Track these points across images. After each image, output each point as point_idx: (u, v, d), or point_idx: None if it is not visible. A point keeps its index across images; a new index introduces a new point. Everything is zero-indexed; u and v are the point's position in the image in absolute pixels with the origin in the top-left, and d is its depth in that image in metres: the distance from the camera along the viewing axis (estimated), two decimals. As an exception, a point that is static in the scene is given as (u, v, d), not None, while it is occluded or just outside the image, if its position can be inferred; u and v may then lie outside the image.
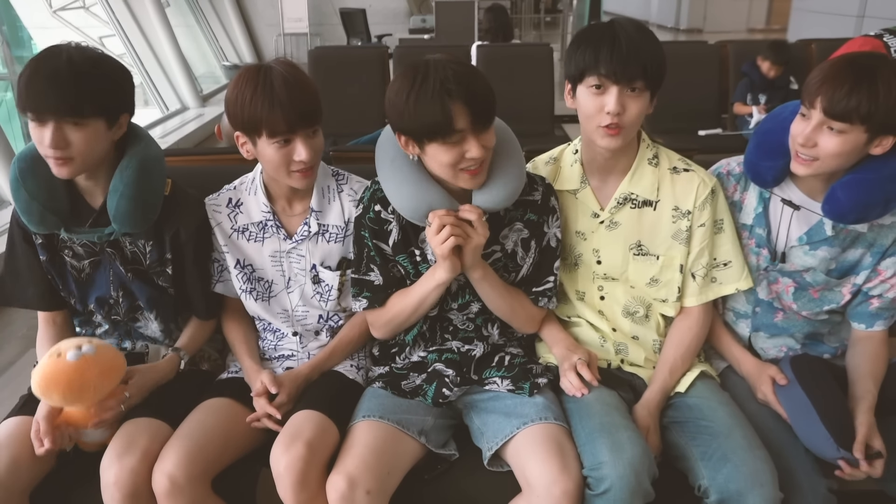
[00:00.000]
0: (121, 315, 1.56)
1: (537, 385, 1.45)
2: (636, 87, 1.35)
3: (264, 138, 1.37)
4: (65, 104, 1.29)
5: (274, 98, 1.33)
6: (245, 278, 1.57)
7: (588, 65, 1.35)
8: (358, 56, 4.65)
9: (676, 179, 1.49)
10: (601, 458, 1.25)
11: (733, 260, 1.52)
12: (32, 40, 7.85)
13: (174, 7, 7.49)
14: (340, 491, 1.25)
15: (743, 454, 1.29)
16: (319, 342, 1.62)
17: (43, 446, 1.31)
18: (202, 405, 1.46)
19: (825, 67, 1.31)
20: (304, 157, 1.38)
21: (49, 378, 1.30)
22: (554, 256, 1.50)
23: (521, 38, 10.64)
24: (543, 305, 1.52)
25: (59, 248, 1.50)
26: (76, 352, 1.31)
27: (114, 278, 1.52)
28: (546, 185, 1.50)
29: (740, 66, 4.40)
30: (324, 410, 1.38)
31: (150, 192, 1.45)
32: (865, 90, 1.24)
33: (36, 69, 1.29)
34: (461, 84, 1.26)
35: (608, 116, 1.35)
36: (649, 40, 1.36)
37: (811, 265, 1.48)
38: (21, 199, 1.40)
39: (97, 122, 1.34)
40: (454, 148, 1.30)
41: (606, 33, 1.35)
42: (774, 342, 1.58)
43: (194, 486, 1.31)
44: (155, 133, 5.48)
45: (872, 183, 1.34)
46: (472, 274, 1.43)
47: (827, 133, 1.30)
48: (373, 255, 1.48)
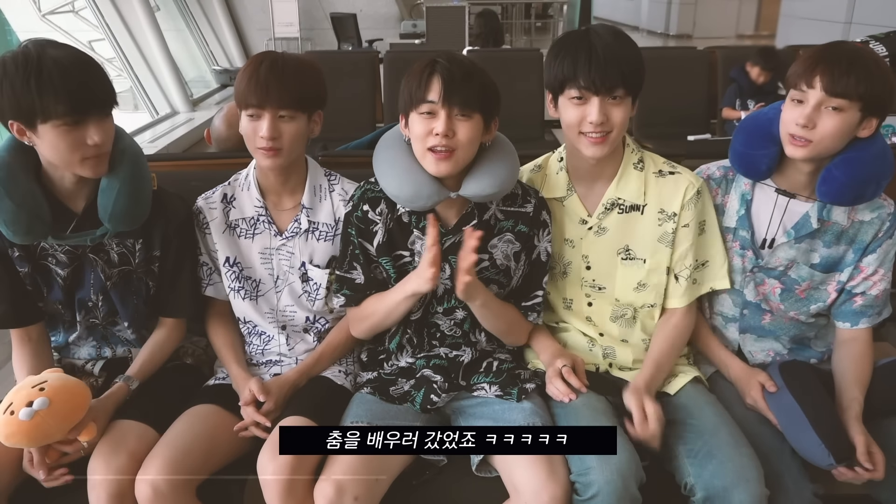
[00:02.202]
0: (99, 319, 1.54)
1: (525, 391, 1.45)
2: (617, 95, 1.36)
3: (243, 111, 1.44)
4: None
5: (258, 74, 1.40)
6: (234, 276, 1.57)
7: (567, 76, 1.37)
8: (348, 61, 4.65)
9: (662, 182, 1.50)
10: (588, 463, 1.25)
11: (710, 260, 1.54)
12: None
13: (164, 11, 7.47)
14: (328, 497, 1.25)
15: (728, 451, 1.30)
16: (307, 344, 1.61)
17: (43, 476, 1.32)
18: (188, 412, 1.45)
19: (814, 52, 1.35)
20: (264, 133, 1.41)
21: (8, 437, 1.28)
22: (543, 270, 1.51)
23: (512, 44, 10.68)
24: (532, 321, 1.53)
25: (39, 257, 1.47)
26: (28, 410, 1.27)
27: (94, 282, 1.50)
28: (539, 199, 1.51)
29: (729, 71, 4.43)
30: (311, 416, 1.38)
31: (144, 186, 1.45)
32: (861, 68, 1.31)
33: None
34: (450, 63, 1.34)
35: (591, 126, 1.36)
36: (626, 46, 1.38)
37: (793, 257, 1.50)
38: (6, 209, 1.34)
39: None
40: (425, 121, 1.34)
41: (583, 43, 1.36)
42: (762, 345, 1.59)
43: (177, 494, 1.30)
44: (144, 137, 5.45)
45: (864, 160, 1.38)
46: (472, 302, 1.43)
47: (826, 113, 1.34)
48: (357, 254, 1.49)
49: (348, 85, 4.17)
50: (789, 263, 1.51)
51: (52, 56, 1.27)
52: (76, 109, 1.28)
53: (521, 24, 12.61)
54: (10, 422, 1.27)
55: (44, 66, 1.25)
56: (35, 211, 1.37)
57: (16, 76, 1.25)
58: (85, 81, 1.30)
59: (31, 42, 1.29)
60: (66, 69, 1.27)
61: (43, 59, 1.26)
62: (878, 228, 1.46)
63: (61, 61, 1.27)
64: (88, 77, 1.31)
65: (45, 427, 1.28)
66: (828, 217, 1.47)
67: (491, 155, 1.42)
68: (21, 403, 1.28)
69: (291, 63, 1.44)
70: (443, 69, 1.33)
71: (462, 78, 1.33)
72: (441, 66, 1.34)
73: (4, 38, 7.25)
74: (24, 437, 1.28)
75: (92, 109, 1.31)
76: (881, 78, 1.31)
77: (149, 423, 1.41)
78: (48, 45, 1.29)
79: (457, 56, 1.38)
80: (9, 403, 1.30)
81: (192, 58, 8.54)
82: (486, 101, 1.37)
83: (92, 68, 1.33)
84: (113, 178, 1.40)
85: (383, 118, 4.29)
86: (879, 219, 1.46)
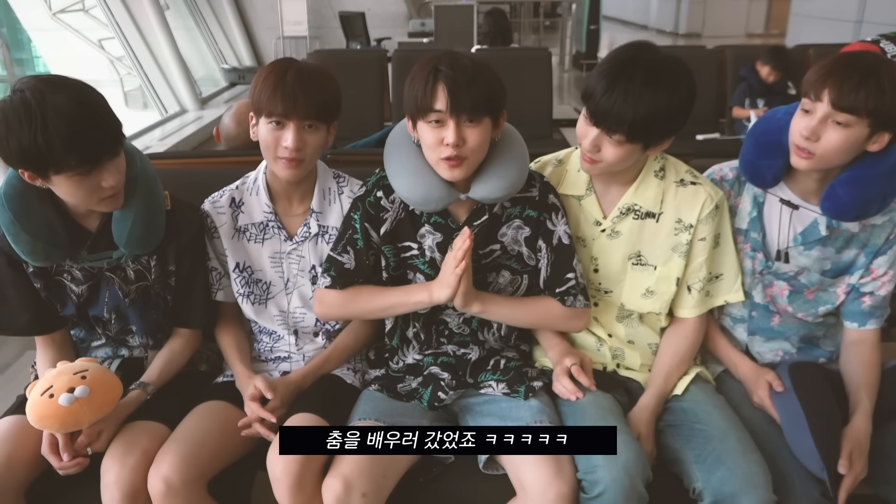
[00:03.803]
0: (112, 332, 1.56)
1: (532, 388, 1.45)
2: (615, 138, 1.34)
3: (263, 118, 1.41)
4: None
5: (283, 82, 1.38)
6: (243, 282, 1.58)
7: (584, 94, 1.37)
8: (357, 59, 4.67)
9: (682, 192, 1.48)
10: (595, 461, 1.26)
11: (725, 273, 1.53)
12: (32, 43, 7.86)
13: (173, 10, 7.51)
14: (336, 494, 1.26)
15: (737, 457, 1.30)
16: (316, 345, 1.62)
17: (62, 460, 1.32)
18: (198, 408, 1.47)
19: (829, 62, 1.32)
20: (288, 144, 1.40)
21: (42, 419, 1.30)
22: (570, 254, 1.47)
23: (521, 42, 10.66)
24: (570, 304, 1.46)
25: (54, 273, 1.47)
26: (69, 395, 1.29)
27: (109, 300, 1.50)
28: (543, 183, 1.50)
29: (738, 70, 4.43)
30: (319, 413, 1.39)
31: (157, 212, 1.45)
32: (873, 84, 1.26)
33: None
34: (454, 69, 1.30)
35: (584, 148, 1.39)
36: (654, 95, 1.30)
37: (805, 265, 1.49)
38: (22, 241, 1.35)
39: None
40: (435, 130, 1.33)
41: (613, 70, 1.32)
42: (770, 346, 1.59)
43: (189, 490, 1.31)
44: (154, 136, 5.48)
45: (870, 179, 1.35)
46: (470, 311, 1.43)
47: (831, 126, 1.31)
48: (355, 238, 1.48)
49: (357, 84, 4.19)
50: (800, 270, 1.50)
51: (54, 105, 1.21)
52: (88, 160, 1.26)
53: (529, 23, 12.58)
54: (48, 404, 1.29)
55: (48, 119, 1.20)
56: (51, 239, 1.37)
57: (21, 131, 1.20)
58: (92, 128, 1.25)
59: (25, 87, 1.22)
60: (71, 120, 1.21)
61: (45, 111, 1.20)
62: (890, 231, 1.45)
63: (64, 110, 1.21)
64: (95, 122, 1.26)
65: (80, 415, 1.30)
66: (837, 224, 1.45)
67: (500, 153, 1.41)
68: (62, 388, 1.30)
69: (315, 73, 1.42)
70: (447, 77, 1.30)
71: (467, 84, 1.30)
72: (444, 73, 1.30)
73: (16, 37, 7.30)
74: (56, 421, 1.29)
75: (104, 156, 1.28)
76: (894, 93, 1.27)
77: (161, 421, 1.42)
78: (45, 89, 1.22)
79: (459, 58, 1.34)
80: (48, 386, 1.31)
81: (201, 56, 8.58)
82: (493, 103, 1.35)
83: (96, 110, 1.27)
84: (126, 210, 1.40)
85: (391, 117, 4.30)
86: (892, 222, 1.45)
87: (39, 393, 1.31)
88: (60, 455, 1.33)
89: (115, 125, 1.31)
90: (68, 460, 1.32)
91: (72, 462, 1.33)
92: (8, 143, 1.22)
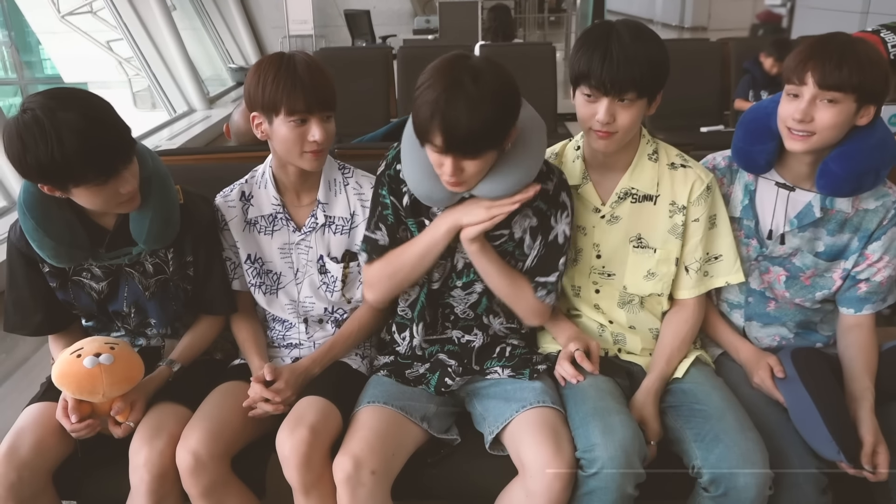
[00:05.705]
0: (131, 326, 1.61)
1: (537, 370, 1.49)
2: (627, 98, 1.36)
3: (282, 117, 1.42)
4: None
5: (297, 79, 1.39)
6: (255, 273, 1.62)
7: (581, 73, 1.38)
8: (363, 57, 4.70)
9: (674, 175, 1.52)
10: (593, 440, 1.29)
11: (724, 254, 1.55)
12: (40, 45, 7.92)
13: (180, 11, 7.54)
14: (346, 471, 1.30)
15: (735, 435, 1.33)
16: (325, 332, 1.66)
17: (71, 422, 1.36)
18: (218, 388, 1.52)
19: (805, 48, 1.37)
20: (317, 138, 1.42)
21: (62, 375, 1.35)
22: (560, 253, 1.48)
23: (526, 38, 10.66)
24: (541, 298, 1.49)
25: (73, 273, 1.50)
26: (93, 359, 1.34)
27: (129, 295, 1.54)
28: (560, 179, 1.49)
29: (742, 63, 4.41)
30: (327, 396, 1.43)
31: (172, 208, 1.49)
32: (853, 60, 1.32)
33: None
34: (451, 107, 1.23)
35: (598, 124, 1.39)
36: (646, 47, 1.35)
37: (799, 246, 1.52)
38: (47, 246, 1.40)
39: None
40: (435, 156, 1.32)
41: (601, 41, 1.35)
42: (768, 331, 1.61)
43: (216, 464, 1.36)
44: (162, 135, 5.53)
45: (861, 152, 1.39)
46: (469, 246, 1.43)
47: (821, 106, 1.35)
48: (385, 214, 1.49)
49: (362, 81, 4.22)
50: (793, 251, 1.53)
51: (66, 122, 1.23)
52: (104, 171, 1.30)
53: (534, 19, 12.55)
54: (73, 363, 1.35)
55: (63, 136, 1.22)
56: (74, 242, 1.42)
57: (37, 149, 1.22)
58: (106, 140, 1.28)
59: (35, 106, 1.23)
60: (84, 135, 1.24)
61: (59, 128, 1.22)
62: (882, 216, 1.47)
63: (76, 126, 1.23)
64: (107, 133, 1.28)
65: (97, 381, 1.34)
66: (831, 206, 1.48)
67: (510, 155, 1.37)
68: (90, 351, 1.36)
69: (315, 63, 1.44)
70: (446, 123, 1.23)
71: (466, 133, 1.24)
72: (444, 119, 1.23)
73: (24, 40, 7.37)
74: (74, 380, 1.34)
75: (119, 164, 1.32)
76: (873, 66, 1.32)
77: (185, 404, 1.47)
78: (55, 106, 1.23)
79: (462, 90, 1.23)
80: (79, 347, 1.38)
81: (208, 56, 8.62)
82: (496, 136, 1.29)
83: (106, 122, 1.29)
84: (144, 209, 1.43)
85: (397, 113, 4.34)
86: (884, 206, 1.47)
87: (70, 352, 1.37)
88: (69, 416, 1.36)
89: (126, 132, 1.33)
90: (76, 421, 1.36)
91: (82, 424, 1.36)
92: (27, 161, 1.25)
